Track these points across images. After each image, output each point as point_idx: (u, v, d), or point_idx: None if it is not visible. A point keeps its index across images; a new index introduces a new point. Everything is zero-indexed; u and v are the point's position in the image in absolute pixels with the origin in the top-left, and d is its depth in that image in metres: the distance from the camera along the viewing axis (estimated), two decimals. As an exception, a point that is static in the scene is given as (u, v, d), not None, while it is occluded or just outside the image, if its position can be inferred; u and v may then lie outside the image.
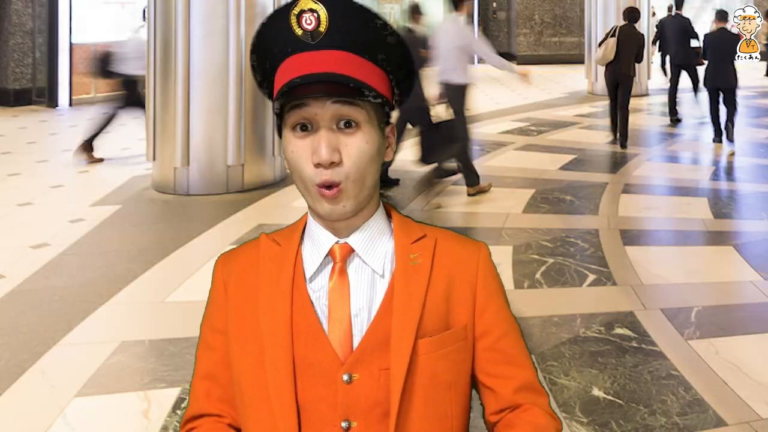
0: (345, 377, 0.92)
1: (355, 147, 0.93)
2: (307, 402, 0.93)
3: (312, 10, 0.94)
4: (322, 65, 0.93)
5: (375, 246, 0.99)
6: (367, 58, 0.96)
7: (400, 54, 1.00)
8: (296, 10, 0.94)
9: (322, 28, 0.94)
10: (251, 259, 1.02)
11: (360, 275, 0.98)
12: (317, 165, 0.93)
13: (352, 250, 0.98)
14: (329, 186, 0.93)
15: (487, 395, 1.01)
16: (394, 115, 1.07)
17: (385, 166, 5.88)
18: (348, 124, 0.94)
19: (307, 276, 0.98)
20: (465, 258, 1.03)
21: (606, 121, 8.50)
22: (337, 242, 0.98)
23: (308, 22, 0.94)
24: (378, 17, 0.97)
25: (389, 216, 1.04)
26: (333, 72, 0.92)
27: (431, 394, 0.94)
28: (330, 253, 0.98)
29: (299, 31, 0.94)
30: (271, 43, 0.98)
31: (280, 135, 0.98)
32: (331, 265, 0.98)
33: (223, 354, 0.99)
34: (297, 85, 0.92)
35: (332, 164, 0.92)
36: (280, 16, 0.96)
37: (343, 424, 0.92)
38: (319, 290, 0.97)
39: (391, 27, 0.99)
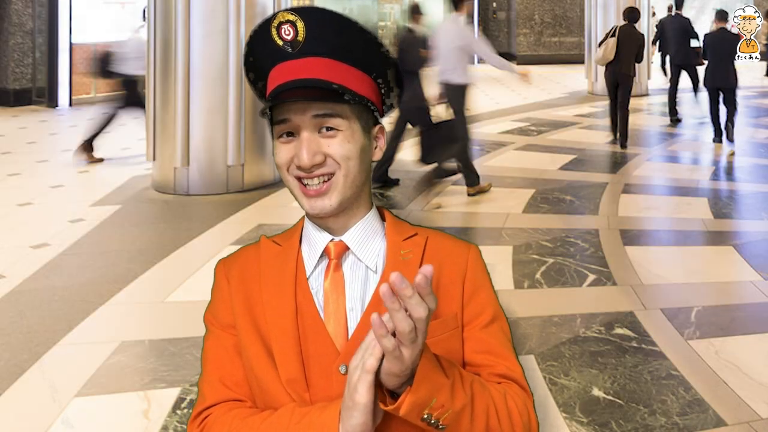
0: (342, 368, 0.95)
1: (338, 145, 0.98)
2: (312, 392, 0.96)
3: (289, 22, 1.00)
4: (301, 72, 0.99)
5: (369, 244, 1.03)
6: (348, 63, 1.01)
7: (381, 56, 1.04)
8: (275, 23, 1.01)
9: (300, 38, 1.00)
10: (252, 258, 1.06)
11: (354, 271, 1.02)
12: (299, 167, 0.98)
13: (347, 248, 1.02)
14: (314, 183, 0.98)
15: None
16: (394, 115, 1.09)
17: (385, 166, 5.89)
18: (329, 129, 0.99)
19: (306, 273, 1.02)
20: (455, 253, 1.06)
21: (606, 121, 8.50)
22: (332, 240, 1.02)
23: (287, 33, 1.00)
24: (354, 23, 1.02)
25: (382, 218, 1.08)
26: (311, 78, 0.98)
27: None
28: (325, 251, 1.02)
29: (279, 42, 1.00)
30: (257, 55, 1.04)
31: (272, 135, 1.04)
32: (326, 263, 1.02)
33: (235, 343, 1.01)
34: (279, 92, 0.98)
35: (314, 166, 0.97)
36: (262, 29, 1.02)
37: None
38: (316, 286, 1.01)
39: (369, 31, 1.03)
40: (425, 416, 0.83)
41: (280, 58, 1.01)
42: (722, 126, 7.93)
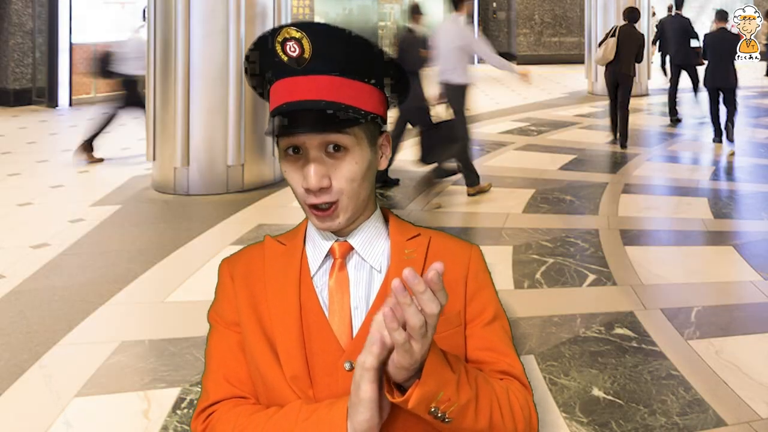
0: (347, 365, 0.96)
1: (346, 169, 0.98)
2: (316, 389, 0.97)
3: (294, 39, 0.97)
4: (308, 91, 0.96)
5: (373, 244, 1.04)
6: (354, 78, 0.99)
7: (386, 66, 1.03)
8: (280, 38, 0.97)
9: (306, 55, 0.97)
10: (256, 257, 1.07)
11: (359, 271, 1.03)
12: (307, 190, 0.97)
13: (351, 248, 1.03)
14: (322, 207, 0.98)
15: None
16: (394, 115, 1.09)
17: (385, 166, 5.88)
18: (336, 148, 0.97)
19: (310, 273, 1.03)
20: (458, 253, 1.08)
21: (606, 121, 8.50)
22: (336, 240, 1.04)
23: (292, 50, 0.97)
24: (360, 38, 1.00)
25: (386, 219, 1.09)
26: (320, 99, 0.95)
27: None
28: (330, 251, 1.03)
29: (285, 58, 0.98)
30: (260, 63, 1.02)
31: (277, 144, 1.03)
32: (331, 262, 1.03)
33: (239, 341, 1.02)
34: (287, 111, 0.96)
35: (322, 189, 0.97)
36: (266, 42, 0.99)
37: None
38: (321, 285, 1.02)
39: (374, 44, 1.01)
40: (432, 409, 0.84)
41: (285, 73, 0.99)
42: (722, 126, 7.93)
